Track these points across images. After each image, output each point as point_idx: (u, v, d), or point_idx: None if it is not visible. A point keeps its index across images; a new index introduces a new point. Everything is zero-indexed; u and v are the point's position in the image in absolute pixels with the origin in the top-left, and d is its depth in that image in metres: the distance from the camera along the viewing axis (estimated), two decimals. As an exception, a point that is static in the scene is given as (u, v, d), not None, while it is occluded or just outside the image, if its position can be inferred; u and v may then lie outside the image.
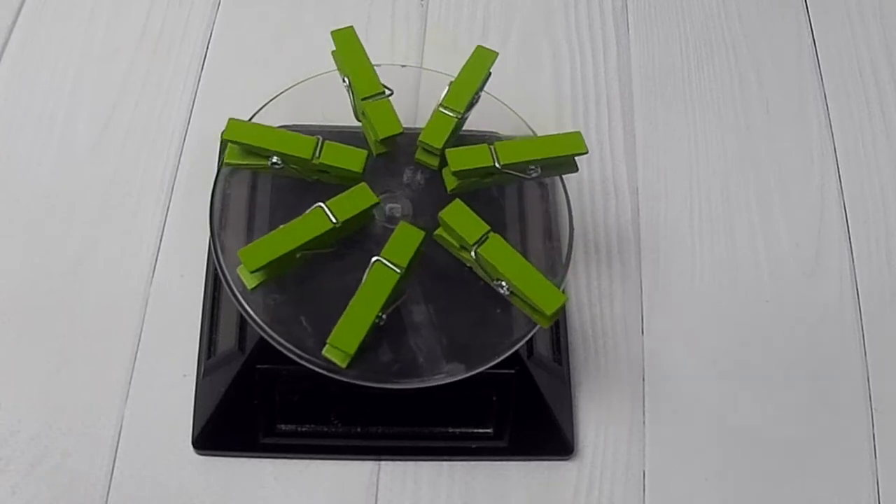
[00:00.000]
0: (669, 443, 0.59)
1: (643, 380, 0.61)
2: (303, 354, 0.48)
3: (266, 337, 0.48)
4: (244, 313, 0.49)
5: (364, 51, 0.53)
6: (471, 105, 0.53)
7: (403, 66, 0.63)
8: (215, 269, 0.50)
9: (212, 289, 0.60)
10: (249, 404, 0.56)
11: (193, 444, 0.56)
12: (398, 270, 0.47)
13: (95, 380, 0.58)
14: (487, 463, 0.57)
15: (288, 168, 0.50)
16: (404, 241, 0.48)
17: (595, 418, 0.59)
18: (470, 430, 0.57)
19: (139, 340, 0.59)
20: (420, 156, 0.53)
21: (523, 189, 0.56)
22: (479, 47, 0.54)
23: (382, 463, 0.57)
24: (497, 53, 0.54)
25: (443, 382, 0.49)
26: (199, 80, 0.70)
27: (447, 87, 0.53)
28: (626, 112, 0.72)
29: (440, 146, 0.51)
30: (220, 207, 0.52)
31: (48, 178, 0.65)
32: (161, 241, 0.63)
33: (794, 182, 0.70)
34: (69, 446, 0.56)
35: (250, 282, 0.47)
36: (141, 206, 0.64)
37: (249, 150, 0.50)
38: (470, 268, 0.50)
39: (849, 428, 0.61)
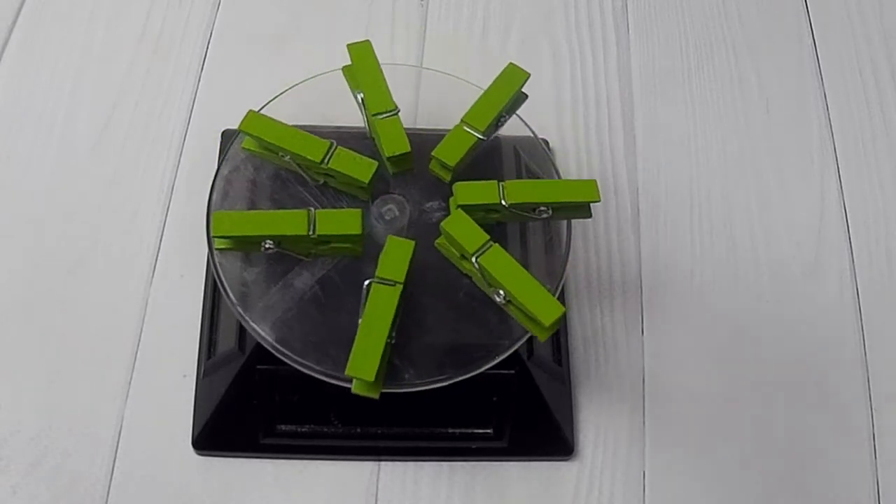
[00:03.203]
0: (669, 443, 0.59)
1: (643, 380, 0.61)
2: (302, 361, 0.48)
3: (264, 343, 0.48)
4: (241, 319, 0.49)
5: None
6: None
7: (404, 65, 0.63)
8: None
9: (212, 289, 0.60)
10: (249, 404, 0.56)
11: (193, 444, 0.56)
12: (308, 241, 0.48)
13: (95, 380, 0.58)
14: (487, 463, 0.57)
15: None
16: (339, 222, 0.48)
17: (595, 418, 0.59)
18: (470, 431, 0.57)
19: (139, 341, 0.59)
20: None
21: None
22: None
23: (382, 463, 0.57)
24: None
25: (443, 384, 0.49)
26: (199, 80, 0.70)
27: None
28: (626, 112, 0.72)
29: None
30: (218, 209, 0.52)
31: (48, 178, 0.65)
32: (161, 241, 0.63)
33: (794, 182, 0.70)
34: (69, 446, 0.56)
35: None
36: (141, 206, 0.64)
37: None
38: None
39: (849, 428, 0.61)
